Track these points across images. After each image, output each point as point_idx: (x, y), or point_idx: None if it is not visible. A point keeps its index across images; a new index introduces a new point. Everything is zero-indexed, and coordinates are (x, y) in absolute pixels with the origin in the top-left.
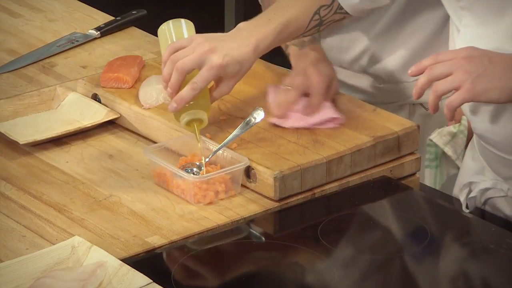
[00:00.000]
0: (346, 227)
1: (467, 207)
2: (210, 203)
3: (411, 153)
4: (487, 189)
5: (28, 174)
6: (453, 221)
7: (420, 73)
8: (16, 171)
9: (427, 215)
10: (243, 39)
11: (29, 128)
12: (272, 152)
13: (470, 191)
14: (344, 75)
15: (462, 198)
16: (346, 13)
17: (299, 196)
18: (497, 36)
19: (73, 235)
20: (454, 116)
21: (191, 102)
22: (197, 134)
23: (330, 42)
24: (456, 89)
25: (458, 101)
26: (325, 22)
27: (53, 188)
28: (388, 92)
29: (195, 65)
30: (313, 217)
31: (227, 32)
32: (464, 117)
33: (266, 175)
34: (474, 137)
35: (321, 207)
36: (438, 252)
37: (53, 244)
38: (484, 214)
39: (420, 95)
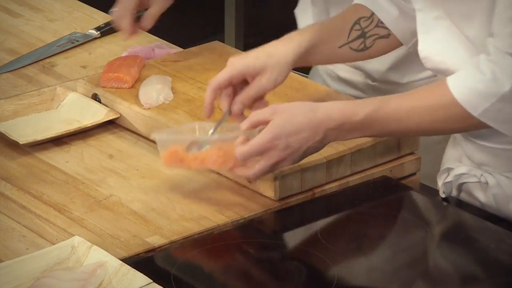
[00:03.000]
0: (346, 227)
1: (443, 192)
2: (233, 167)
3: (411, 153)
4: (462, 174)
5: (28, 174)
6: (453, 221)
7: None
8: (16, 171)
9: (427, 215)
10: None
11: (29, 128)
12: None
13: (447, 176)
14: (338, 68)
15: (440, 183)
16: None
17: (299, 196)
18: (449, 16)
19: (73, 235)
20: None
21: None
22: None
23: None
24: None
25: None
26: (369, 35)
27: (53, 188)
28: (379, 91)
29: None
30: (313, 217)
31: (226, 33)
32: None
33: (266, 175)
34: None
35: (321, 207)
36: (438, 252)
37: (53, 244)
38: (460, 202)
39: None
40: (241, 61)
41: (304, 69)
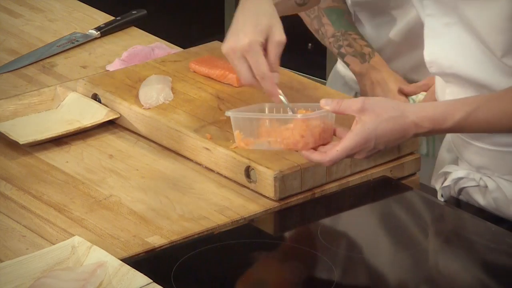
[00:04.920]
0: (346, 227)
1: (442, 196)
2: (315, 148)
3: (411, 153)
4: (460, 179)
5: (28, 174)
6: (453, 221)
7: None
8: (16, 171)
9: (427, 215)
10: None
11: (29, 128)
12: (272, 152)
13: (445, 180)
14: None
15: (437, 187)
16: None
17: (299, 196)
18: (462, 24)
19: (73, 235)
20: None
21: None
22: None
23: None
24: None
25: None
26: None
27: (53, 188)
28: None
29: None
30: (313, 217)
31: (226, 33)
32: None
33: (266, 175)
34: None
35: (321, 207)
36: (438, 252)
37: (53, 244)
38: (459, 203)
39: None
40: (255, 29)
41: (322, 74)
